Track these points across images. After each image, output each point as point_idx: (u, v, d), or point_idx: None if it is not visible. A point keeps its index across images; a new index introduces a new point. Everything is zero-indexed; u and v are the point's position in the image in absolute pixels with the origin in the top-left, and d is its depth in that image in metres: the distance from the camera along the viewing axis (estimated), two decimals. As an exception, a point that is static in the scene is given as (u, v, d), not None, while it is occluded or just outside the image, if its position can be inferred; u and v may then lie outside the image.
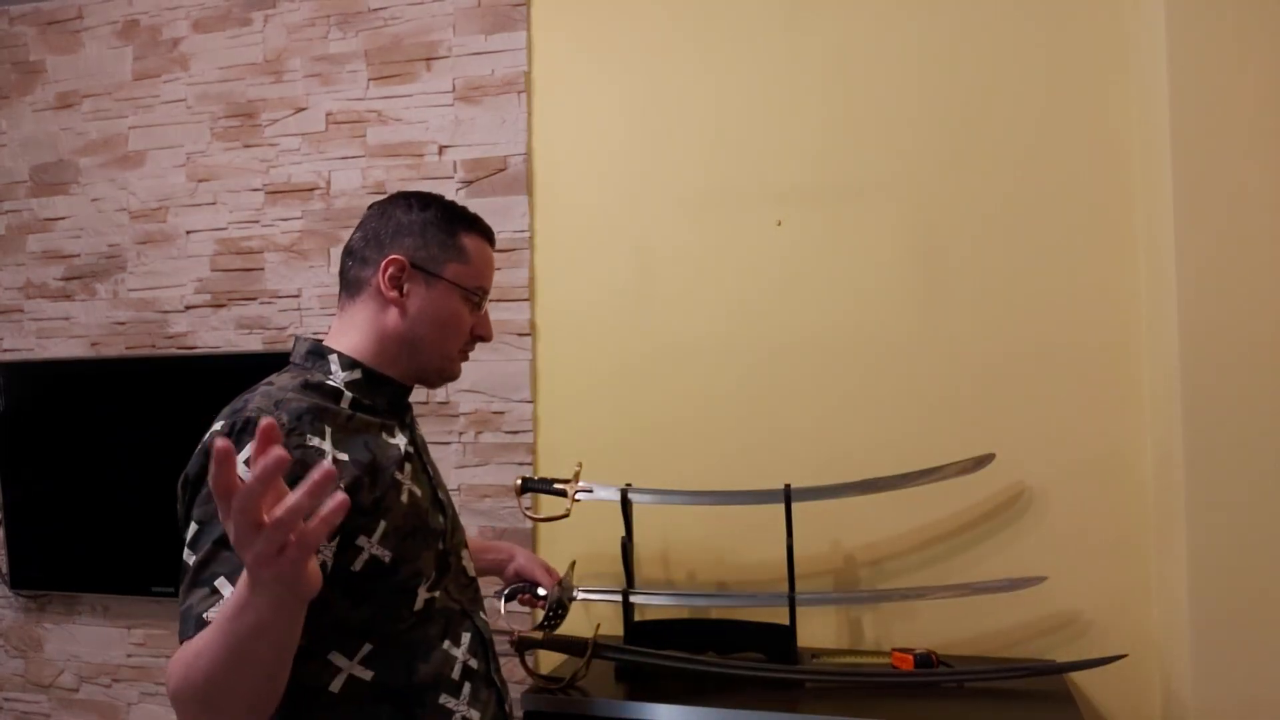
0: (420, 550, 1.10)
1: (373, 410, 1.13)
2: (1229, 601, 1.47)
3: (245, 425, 0.99)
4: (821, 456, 1.89)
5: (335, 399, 1.09)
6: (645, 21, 2.03)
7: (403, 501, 1.09)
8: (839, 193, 1.92)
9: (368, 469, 1.05)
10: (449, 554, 1.17)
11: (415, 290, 1.14)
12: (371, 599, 1.05)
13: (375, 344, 1.14)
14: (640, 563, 1.98)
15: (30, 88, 2.48)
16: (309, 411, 1.03)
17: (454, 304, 1.16)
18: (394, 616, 1.07)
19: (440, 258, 1.15)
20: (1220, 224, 1.48)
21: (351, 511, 0.97)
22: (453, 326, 1.16)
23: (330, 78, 2.23)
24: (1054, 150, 1.81)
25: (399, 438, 1.14)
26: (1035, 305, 1.81)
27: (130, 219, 2.38)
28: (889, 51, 1.89)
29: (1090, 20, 1.79)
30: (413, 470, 1.14)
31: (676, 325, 2.01)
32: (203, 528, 0.96)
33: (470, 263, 1.17)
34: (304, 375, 1.10)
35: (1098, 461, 1.78)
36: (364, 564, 1.03)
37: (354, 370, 1.12)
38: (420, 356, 1.16)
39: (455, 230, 1.17)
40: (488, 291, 1.20)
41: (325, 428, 1.04)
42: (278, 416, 0.99)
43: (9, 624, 2.47)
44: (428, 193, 1.21)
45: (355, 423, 1.09)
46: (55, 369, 2.36)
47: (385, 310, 1.14)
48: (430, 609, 1.11)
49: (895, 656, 1.70)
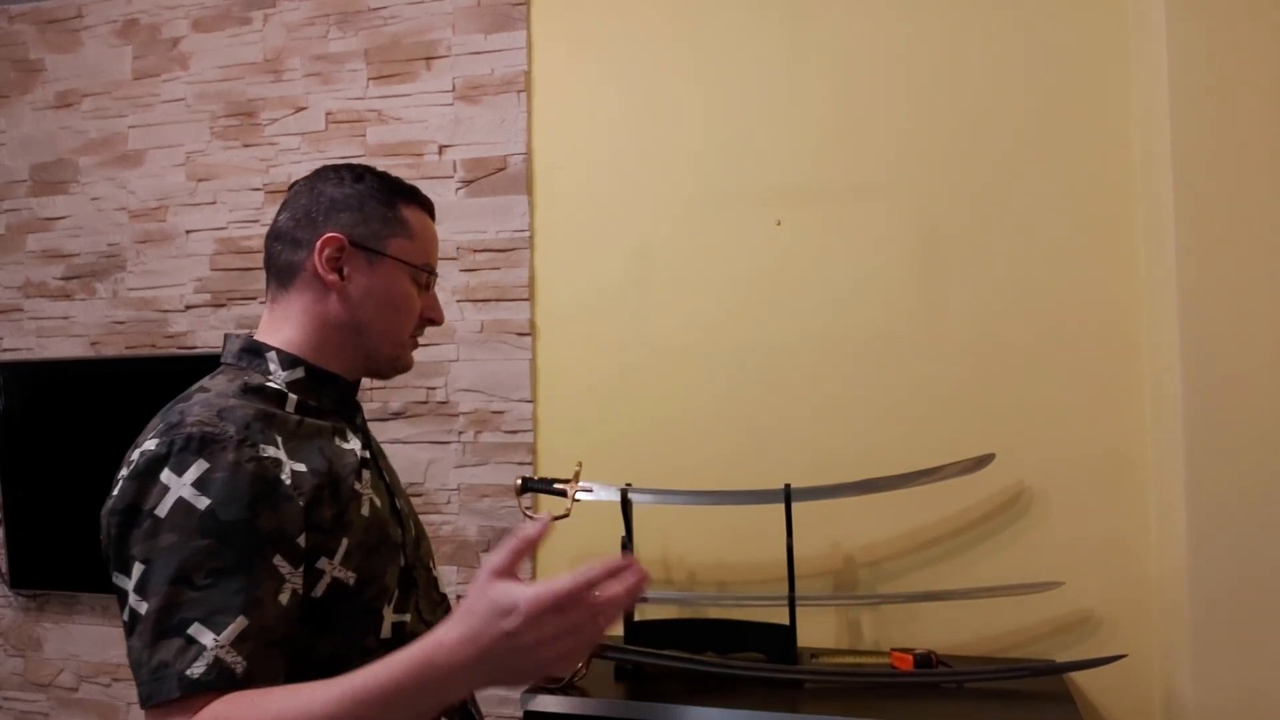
0: (385, 566, 0.97)
1: (320, 413, 0.99)
2: (1229, 601, 1.47)
3: (187, 443, 0.85)
4: (821, 456, 1.89)
5: (280, 402, 0.96)
6: (645, 21, 2.03)
7: (363, 514, 0.96)
8: (839, 193, 1.91)
9: (325, 479, 0.92)
10: (412, 569, 1.03)
11: (357, 271, 1.00)
12: (336, 627, 0.92)
13: (316, 336, 1.01)
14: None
15: (30, 86, 2.48)
16: (257, 419, 0.90)
17: (402, 283, 1.02)
18: (360, 647, 0.93)
19: (382, 233, 1.01)
20: (1220, 224, 1.48)
21: (311, 530, 0.89)
22: (403, 309, 1.03)
23: (330, 77, 2.23)
24: (1054, 150, 1.81)
25: (353, 441, 1.01)
26: (1035, 305, 1.81)
27: (130, 218, 2.38)
28: (888, 51, 1.89)
29: (1090, 20, 1.79)
30: (371, 478, 1.00)
31: (676, 325, 2.01)
32: (150, 566, 0.83)
33: (415, 238, 1.04)
34: (241, 377, 0.97)
35: (1098, 461, 1.77)
36: (326, 588, 0.90)
37: (296, 368, 0.99)
38: (368, 345, 1.02)
39: (394, 202, 1.03)
40: (435, 270, 1.07)
41: (275, 435, 0.91)
42: (223, 428, 0.87)
43: (8, 624, 2.47)
44: (357, 164, 1.07)
45: (305, 428, 0.95)
46: (55, 369, 2.35)
47: (325, 297, 1.00)
48: (400, 635, 0.97)
49: (895, 657, 1.70)
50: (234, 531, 0.83)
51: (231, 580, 0.82)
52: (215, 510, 0.83)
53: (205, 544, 0.82)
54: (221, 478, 0.84)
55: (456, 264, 2.13)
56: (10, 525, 2.39)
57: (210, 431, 0.86)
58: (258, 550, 0.84)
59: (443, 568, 2.12)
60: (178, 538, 0.82)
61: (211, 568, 0.82)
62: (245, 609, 0.82)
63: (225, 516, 0.83)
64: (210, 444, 0.85)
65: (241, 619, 0.81)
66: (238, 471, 0.85)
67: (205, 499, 0.83)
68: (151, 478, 0.85)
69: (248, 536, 0.84)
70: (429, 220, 1.08)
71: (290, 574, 0.86)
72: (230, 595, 0.81)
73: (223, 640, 0.80)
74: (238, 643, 0.81)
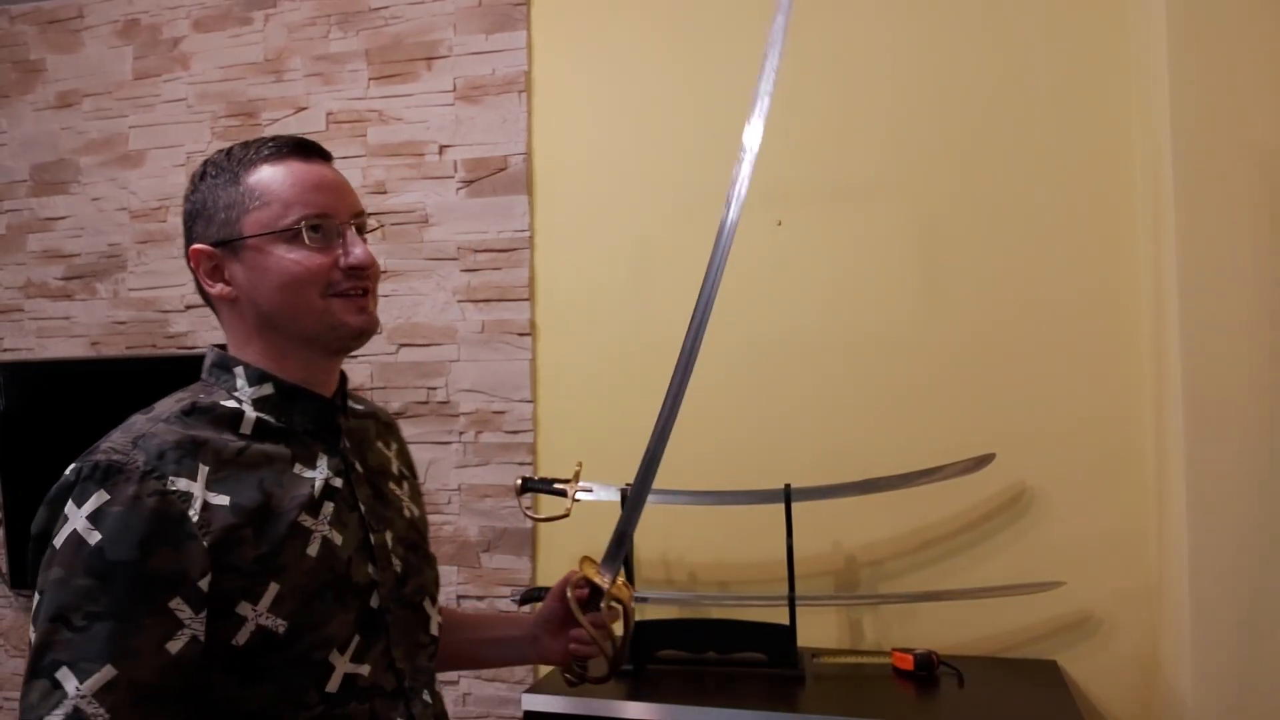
0: (330, 613, 0.87)
1: (286, 435, 0.91)
2: (1229, 601, 1.47)
3: (92, 472, 0.81)
4: (821, 456, 1.89)
5: (231, 424, 0.89)
6: (645, 21, 2.03)
7: (308, 554, 0.86)
8: (839, 193, 1.91)
9: (252, 516, 0.84)
10: (384, 612, 0.93)
11: (234, 269, 0.91)
12: (266, 678, 0.83)
13: (259, 345, 0.93)
14: (640, 563, 1.98)
15: (31, 87, 2.48)
16: (177, 447, 0.83)
17: (277, 254, 0.89)
18: (297, 701, 0.84)
19: (233, 217, 0.90)
20: (1220, 224, 1.48)
21: (225, 571, 0.81)
22: (293, 277, 0.89)
23: (331, 77, 2.23)
24: (1054, 150, 1.81)
25: (318, 469, 0.92)
26: (1035, 305, 1.81)
27: (130, 218, 2.38)
28: (889, 52, 1.89)
29: (1091, 20, 1.79)
30: (334, 511, 0.91)
31: (676, 325, 1.99)
32: (40, 599, 0.79)
33: (269, 200, 0.90)
34: (197, 396, 0.91)
35: (1098, 461, 1.77)
36: (250, 636, 0.82)
37: (264, 384, 0.92)
38: (291, 329, 0.91)
39: (239, 176, 0.91)
40: (323, 214, 0.90)
41: (198, 465, 0.83)
42: (132, 458, 0.81)
43: (9, 624, 2.47)
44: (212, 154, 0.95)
45: (250, 455, 0.87)
46: (55, 369, 2.36)
47: (232, 308, 0.93)
48: (352, 689, 0.87)
49: (895, 656, 1.70)
50: (118, 573, 0.77)
51: (104, 625, 0.76)
52: (104, 547, 0.78)
53: (86, 584, 0.77)
54: (116, 512, 0.79)
55: (457, 264, 2.13)
56: (10, 525, 2.39)
57: (117, 461, 0.81)
58: (142, 595, 0.78)
59: (443, 568, 2.12)
60: (63, 573, 0.78)
61: (89, 610, 0.76)
62: (114, 658, 0.75)
63: (112, 556, 0.78)
64: (114, 474, 0.80)
65: (109, 669, 0.75)
66: (136, 507, 0.79)
67: (96, 534, 0.78)
68: (58, 505, 0.82)
69: (132, 579, 0.78)
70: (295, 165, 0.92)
71: (190, 619, 0.79)
72: (100, 642, 0.76)
73: (84, 690, 0.74)
74: (101, 693, 0.74)
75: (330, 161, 0.97)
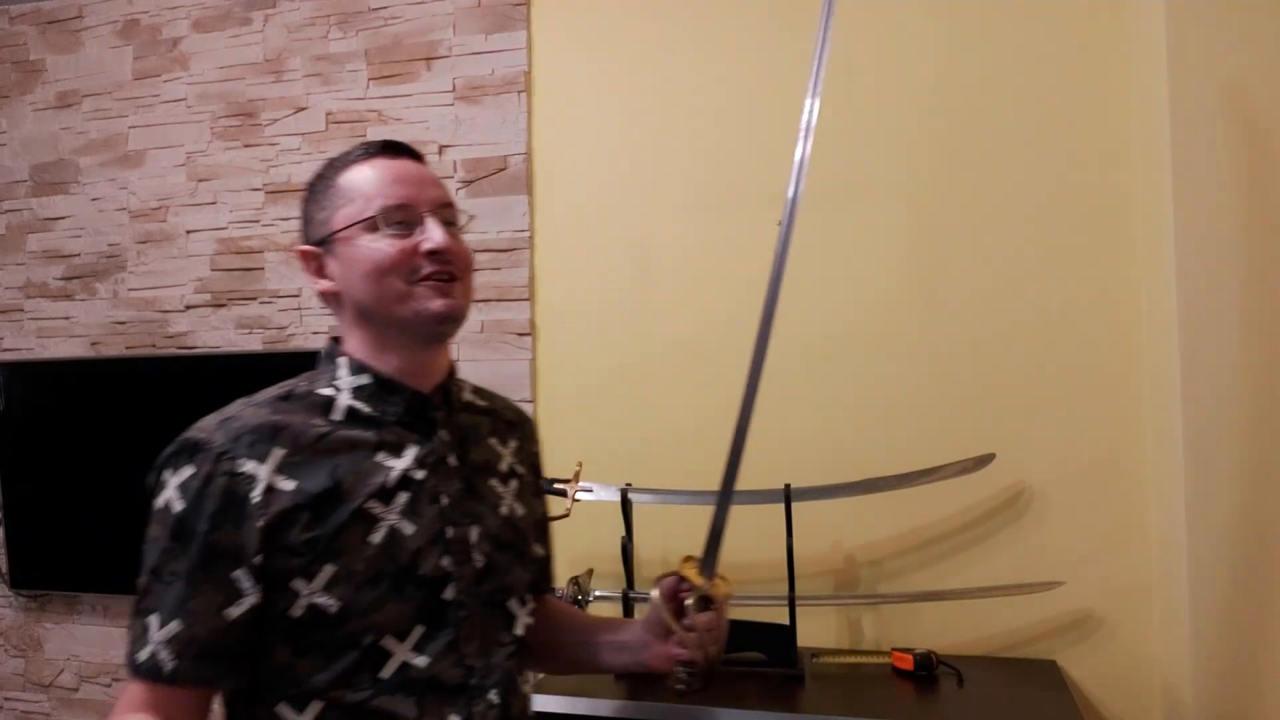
0: (385, 601, 0.90)
1: (377, 424, 0.96)
2: (1229, 601, 1.47)
3: (184, 447, 0.91)
4: (821, 456, 1.89)
5: (323, 410, 0.95)
6: (645, 21, 2.03)
7: (371, 541, 0.90)
8: (839, 193, 1.91)
9: (313, 500, 0.89)
10: (458, 606, 0.95)
11: (331, 264, 0.98)
12: (316, 652, 0.89)
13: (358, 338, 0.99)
14: (640, 563, 1.98)
15: (30, 87, 2.48)
16: (254, 431, 0.90)
17: (363, 244, 0.95)
18: (349, 682, 0.89)
19: (328, 216, 0.98)
20: (1220, 224, 1.48)
21: (278, 551, 0.88)
22: (377, 265, 0.94)
23: (330, 77, 2.23)
24: (1054, 151, 1.81)
25: (403, 458, 0.96)
26: (1035, 305, 1.81)
27: (130, 218, 2.38)
28: (889, 52, 1.89)
29: (1091, 20, 1.79)
30: (409, 501, 0.94)
31: (676, 325, 2.01)
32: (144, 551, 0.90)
33: (355, 196, 0.97)
34: (298, 383, 0.98)
35: (1098, 461, 1.77)
36: (305, 611, 0.88)
37: (362, 375, 0.98)
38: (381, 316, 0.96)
39: (331, 181, 1.00)
40: (403, 204, 0.96)
41: (272, 449, 0.90)
42: (212, 438, 0.89)
43: (9, 624, 2.47)
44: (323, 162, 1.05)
45: (330, 441, 0.93)
46: (55, 369, 2.36)
47: (336, 302, 1.00)
48: (405, 678, 0.91)
49: (895, 656, 1.70)
50: (190, 540, 0.88)
51: (178, 584, 0.87)
52: (184, 516, 0.88)
53: (170, 546, 0.88)
54: (196, 486, 0.88)
55: (457, 264, 2.13)
56: (11, 525, 2.39)
57: (202, 439, 0.90)
58: (207, 563, 0.87)
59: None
60: (159, 532, 0.89)
61: (171, 569, 0.88)
62: (182, 614, 0.87)
63: (188, 524, 0.88)
64: (198, 451, 0.90)
65: (178, 623, 0.86)
66: (210, 483, 0.88)
67: (180, 503, 0.88)
68: (159, 472, 0.92)
69: (201, 548, 0.87)
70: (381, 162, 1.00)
71: (250, 589, 0.88)
72: (174, 599, 0.87)
73: (160, 637, 0.86)
74: (171, 643, 0.86)
75: (419, 160, 1.04)
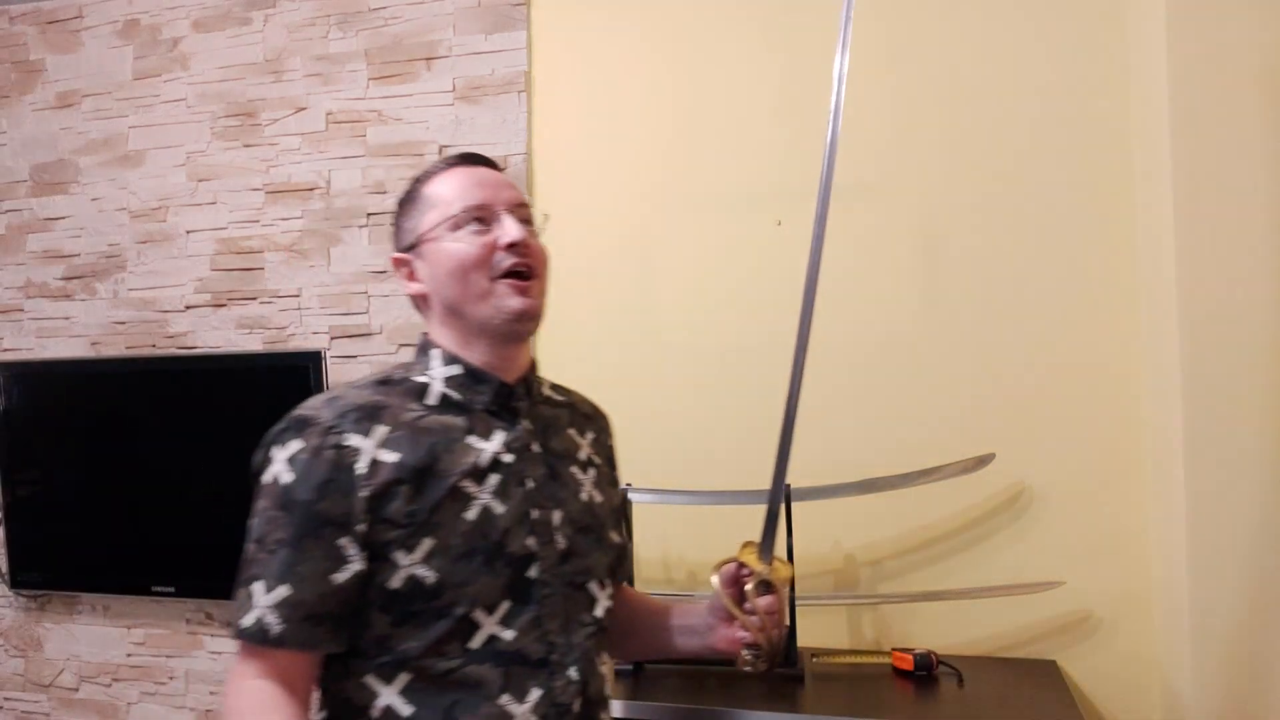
0: (478, 574, 0.95)
1: (466, 410, 1.03)
2: (1228, 601, 1.47)
3: (292, 424, 0.97)
4: (821, 456, 1.89)
5: (417, 395, 1.02)
6: (645, 21, 2.03)
7: (465, 518, 0.96)
8: (839, 193, 1.91)
9: (413, 474, 0.95)
10: (543, 584, 1.00)
11: (420, 268, 1.06)
12: (412, 622, 0.94)
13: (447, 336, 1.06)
14: (640, 563, 1.98)
15: (30, 87, 2.48)
16: (358, 409, 0.97)
17: (447, 245, 1.03)
18: (439, 651, 0.95)
19: (415, 225, 1.06)
20: (1220, 223, 1.48)
21: (380, 522, 0.93)
22: (460, 262, 1.01)
23: (330, 77, 2.23)
24: (1054, 150, 1.81)
25: (492, 442, 1.02)
26: (1035, 305, 1.81)
27: (130, 218, 2.38)
28: (889, 52, 1.89)
29: (1091, 21, 1.79)
30: (500, 482, 1.00)
31: (676, 325, 2.01)
32: (251, 523, 0.96)
33: (439, 202, 1.05)
34: (394, 371, 1.06)
35: (1098, 461, 1.78)
36: (404, 582, 0.94)
37: (454, 365, 1.04)
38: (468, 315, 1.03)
39: (416, 193, 1.08)
40: (482, 204, 1.03)
41: (375, 426, 0.96)
42: (320, 414, 0.96)
43: (9, 624, 2.47)
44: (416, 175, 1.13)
45: (426, 422, 0.99)
46: (55, 369, 2.36)
47: (426, 305, 1.08)
48: (493, 649, 0.96)
49: (895, 656, 1.70)
50: (298, 509, 0.93)
51: (285, 550, 0.92)
52: (291, 486, 0.94)
53: (277, 515, 0.94)
54: (304, 459, 0.94)
55: (457, 264, 2.13)
56: (11, 525, 2.39)
57: (310, 416, 0.96)
58: (315, 530, 0.92)
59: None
60: (266, 504, 0.95)
61: (277, 537, 0.93)
62: (289, 579, 0.92)
63: (297, 494, 0.93)
64: (306, 427, 0.96)
65: (285, 587, 0.92)
66: (318, 455, 0.94)
67: (289, 475, 0.94)
68: (267, 449, 0.98)
69: (308, 516, 0.93)
70: (461, 171, 1.07)
71: (355, 556, 0.93)
72: (280, 564, 0.92)
73: (267, 602, 0.91)
74: (278, 607, 0.91)
75: (495, 168, 1.10)
